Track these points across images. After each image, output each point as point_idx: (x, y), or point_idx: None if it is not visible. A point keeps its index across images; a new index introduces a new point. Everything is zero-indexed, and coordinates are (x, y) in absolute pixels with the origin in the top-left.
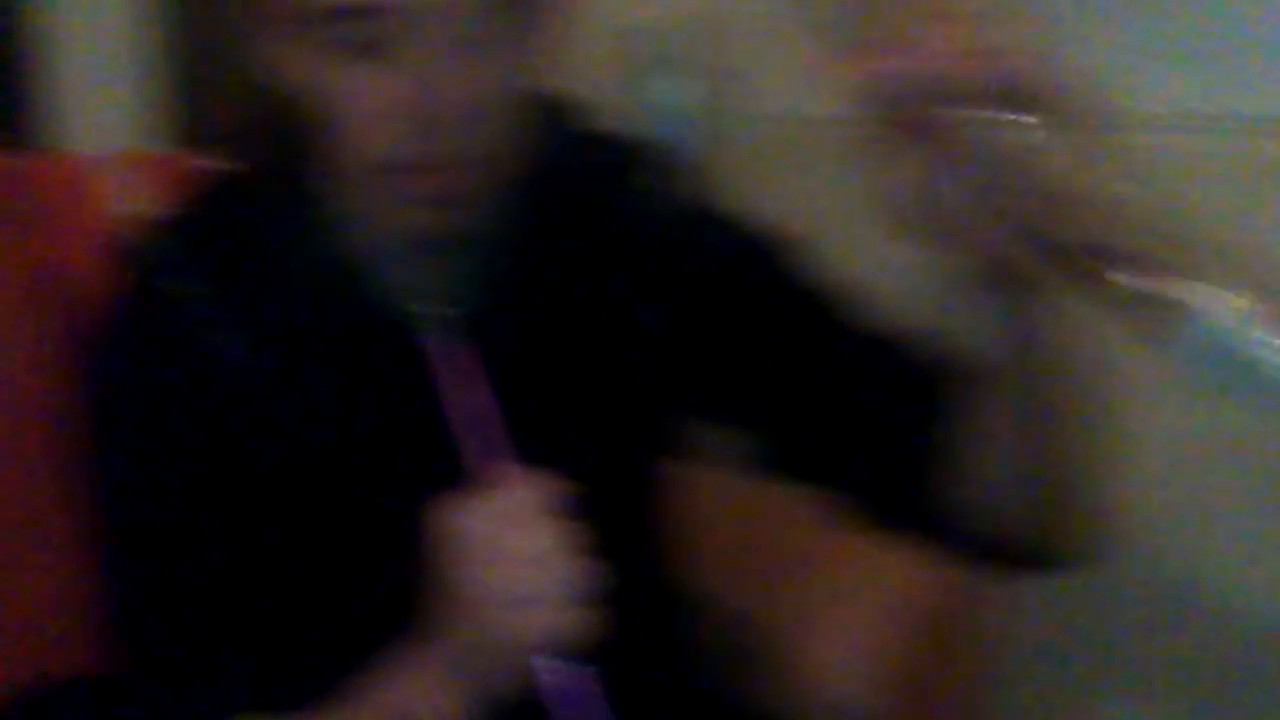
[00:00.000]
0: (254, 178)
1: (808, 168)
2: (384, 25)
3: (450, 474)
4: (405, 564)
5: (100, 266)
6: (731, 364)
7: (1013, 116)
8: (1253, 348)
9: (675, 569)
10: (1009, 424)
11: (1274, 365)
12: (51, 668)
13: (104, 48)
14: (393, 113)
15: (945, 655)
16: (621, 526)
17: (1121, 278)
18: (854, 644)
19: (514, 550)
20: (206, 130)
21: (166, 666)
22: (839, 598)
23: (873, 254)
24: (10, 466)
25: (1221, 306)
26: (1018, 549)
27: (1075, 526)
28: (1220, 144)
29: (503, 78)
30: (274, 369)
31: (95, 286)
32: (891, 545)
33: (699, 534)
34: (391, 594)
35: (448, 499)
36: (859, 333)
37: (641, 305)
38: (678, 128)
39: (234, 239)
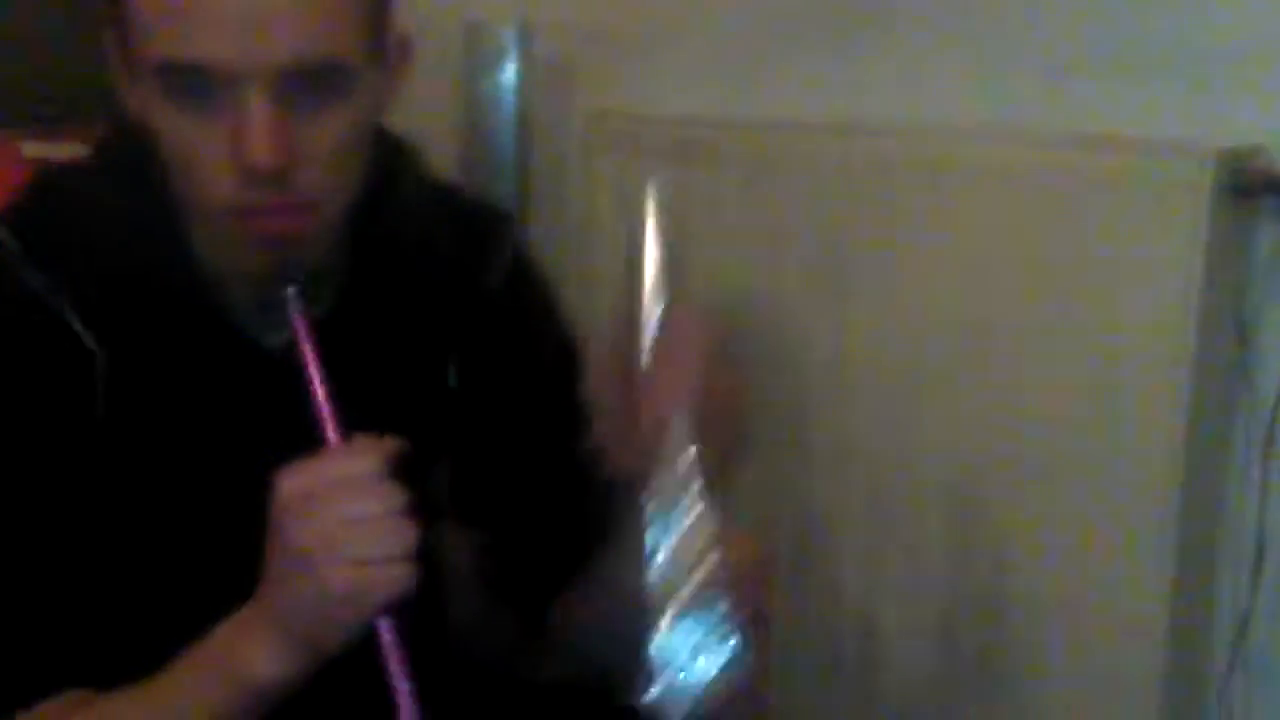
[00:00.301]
0: (102, 180)
1: (627, 164)
2: (209, 80)
3: (275, 465)
4: (235, 545)
5: None
6: (484, 447)
7: None
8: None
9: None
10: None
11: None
12: None
13: None
14: (219, 162)
15: None
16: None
17: None
18: None
19: (348, 510)
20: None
21: None
22: None
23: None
24: None
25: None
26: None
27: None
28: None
29: (342, 133)
30: (122, 360)
31: None
32: None
33: None
34: (224, 571)
35: (287, 466)
36: (584, 462)
37: (445, 358)
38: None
39: (82, 236)
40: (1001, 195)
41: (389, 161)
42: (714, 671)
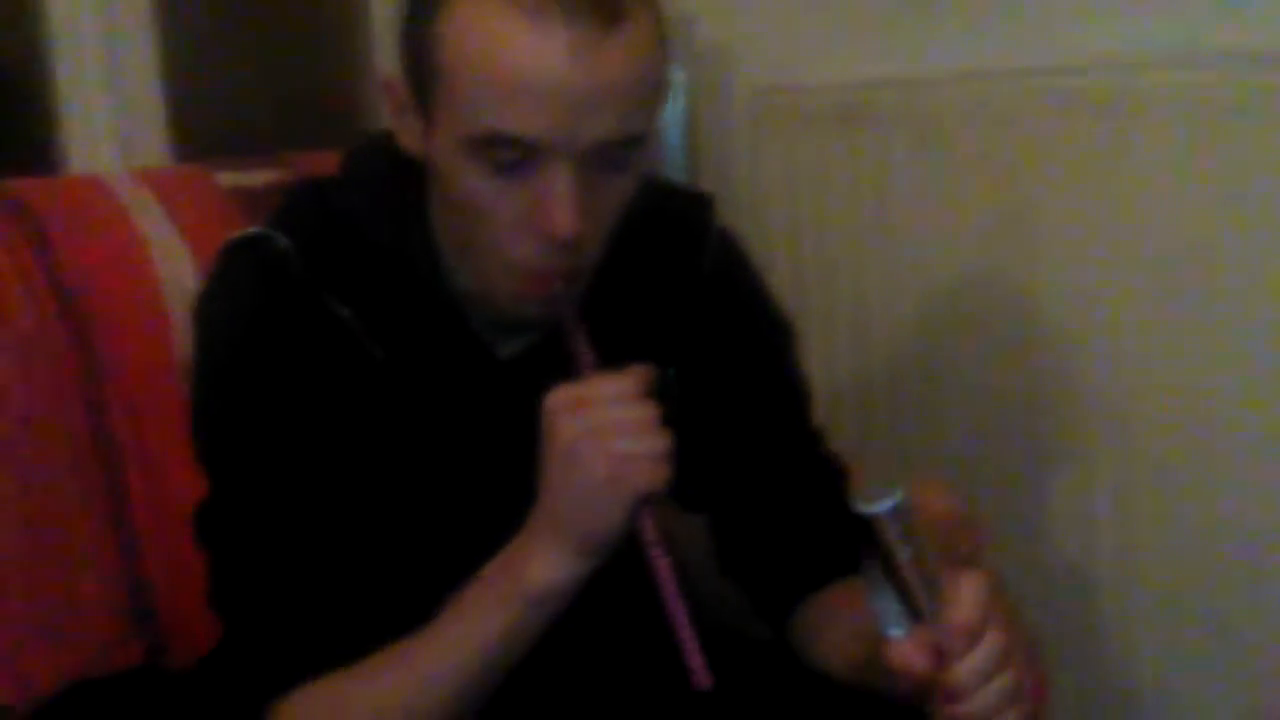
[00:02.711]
0: (360, 195)
1: (795, 136)
2: (523, 151)
3: (507, 457)
4: (475, 522)
5: (122, 282)
6: (704, 443)
7: None
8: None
9: None
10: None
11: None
12: (95, 667)
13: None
14: (517, 222)
15: None
16: None
17: None
18: None
19: (611, 412)
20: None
21: (265, 624)
22: None
23: (860, 222)
24: (37, 475)
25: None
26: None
27: None
28: (1181, 79)
29: (623, 195)
30: (393, 361)
31: (116, 301)
32: None
33: None
34: (466, 546)
35: (561, 386)
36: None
37: (665, 347)
38: (675, 102)
39: (347, 246)
40: (1189, 122)
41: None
42: None
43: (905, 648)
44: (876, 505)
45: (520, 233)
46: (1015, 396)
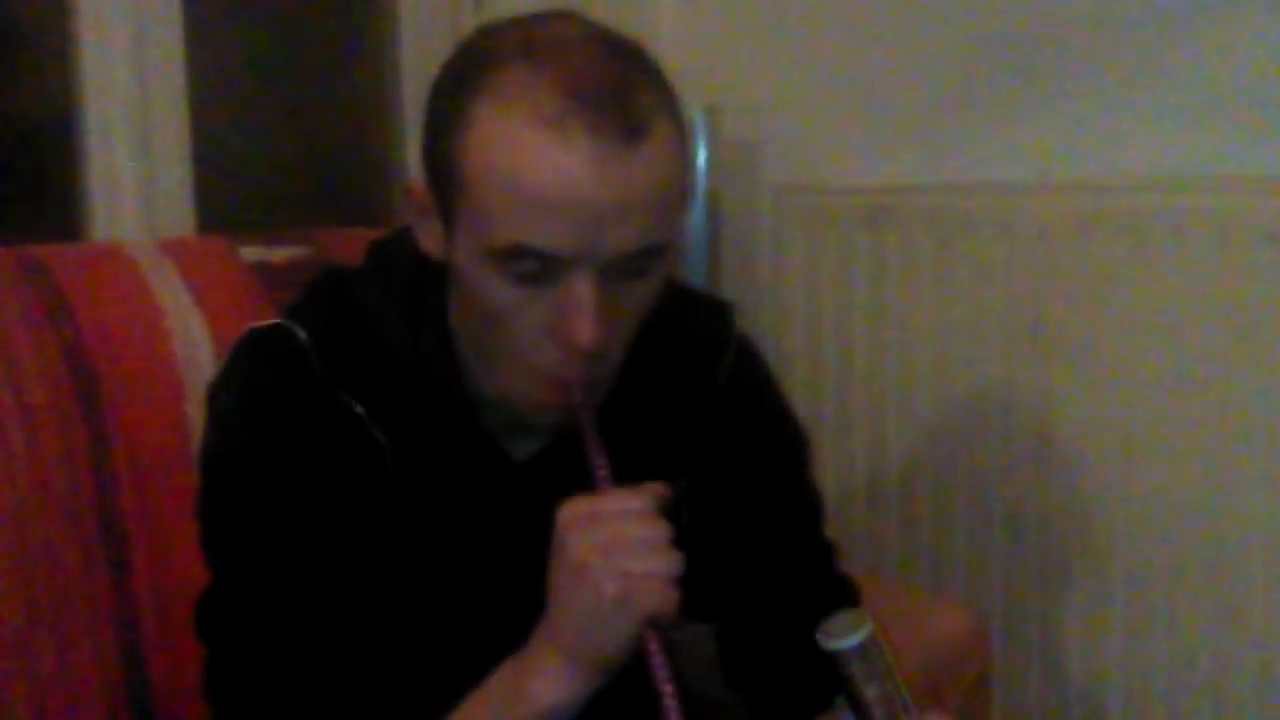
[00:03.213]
0: (381, 291)
1: (818, 236)
2: (548, 264)
3: (519, 557)
4: (487, 622)
5: (137, 354)
6: (714, 553)
7: None
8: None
9: None
10: None
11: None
12: None
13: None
14: (538, 330)
15: None
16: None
17: None
18: None
19: (623, 529)
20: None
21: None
22: None
23: (880, 324)
24: (40, 546)
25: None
26: None
27: None
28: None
29: (645, 303)
30: (401, 455)
31: (131, 373)
32: None
33: None
34: (479, 643)
35: (575, 499)
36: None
37: (679, 453)
38: (699, 198)
39: (364, 340)
40: (1205, 245)
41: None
42: None
43: None
44: (842, 641)
45: (541, 341)
46: (1029, 507)
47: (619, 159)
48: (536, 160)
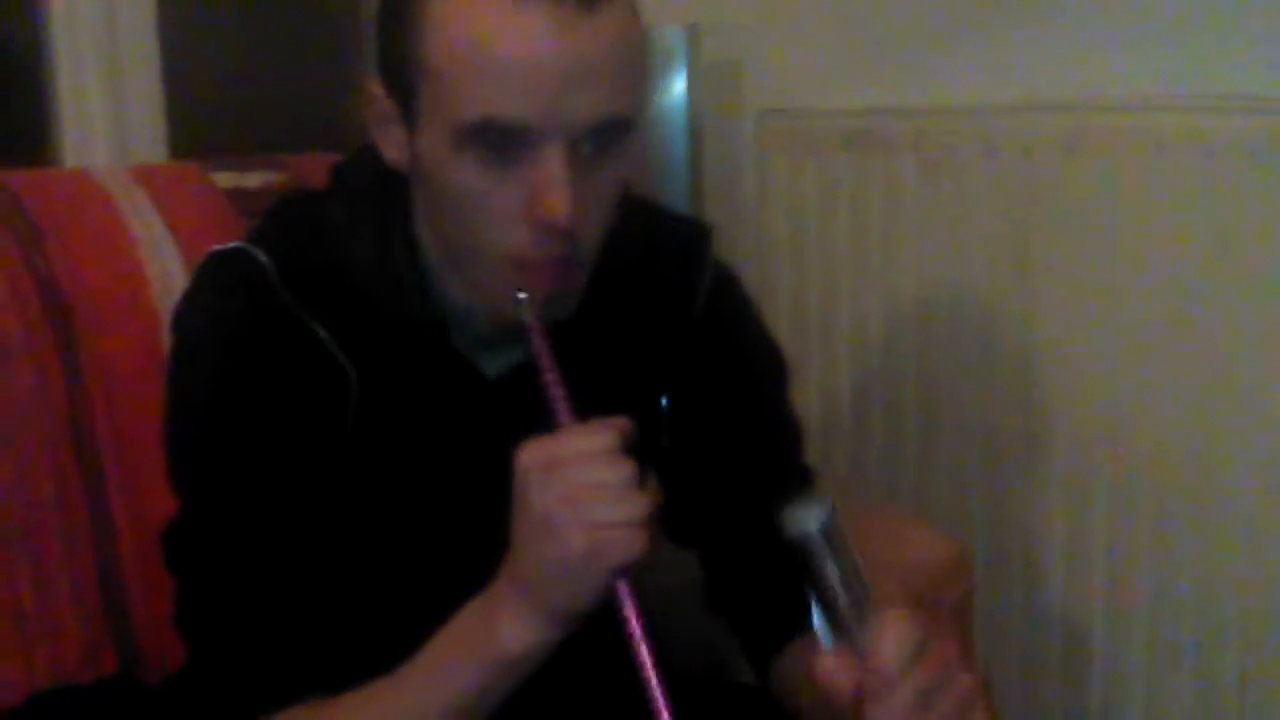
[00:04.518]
0: (344, 210)
1: (801, 159)
2: (514, 138)
3: (490, 477)
4: (456, 544)
5: (110, 280)
6: (695, 478)
7: None
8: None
9: None
10: None
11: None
12: (68, 676)
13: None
14: (511, 213)
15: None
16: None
17: None
18: None
19: (586, 476)
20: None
21: (232, 652)
22: None
23: (863, 246)
24: (14, 481)
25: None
26: None
27: None
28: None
29: (616, 186)
30: (367, 378)
31: (103, 301)
32: None
33: None
34: (450, 569)
35: (534, 441)
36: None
37: (656, 379)
38: (680, 120)
39: (328, 262)
40: (1188, 164)
41: (628, 208)
42: None
43: (829, 664)
44: (802, 525)
45: (515, 223)
46: (1012, 426)
47: (577, 24)
48: (497, 28)
